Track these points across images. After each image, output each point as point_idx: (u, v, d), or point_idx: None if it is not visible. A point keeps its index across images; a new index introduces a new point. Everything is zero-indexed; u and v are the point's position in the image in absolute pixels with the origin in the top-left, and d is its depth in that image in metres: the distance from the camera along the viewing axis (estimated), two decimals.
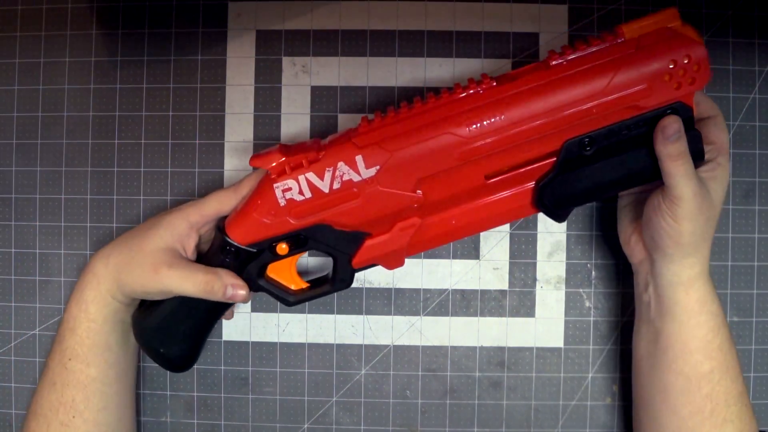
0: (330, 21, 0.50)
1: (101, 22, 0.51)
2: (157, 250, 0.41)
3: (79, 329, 0.43)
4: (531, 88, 0.38)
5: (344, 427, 0.50)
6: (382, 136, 0.39)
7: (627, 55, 0.37)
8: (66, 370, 0.42)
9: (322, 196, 0.39)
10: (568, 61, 0.38)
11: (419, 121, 0.38)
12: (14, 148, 0.51)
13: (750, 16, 0.50)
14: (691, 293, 0.41)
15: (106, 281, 0.42)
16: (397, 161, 0.38)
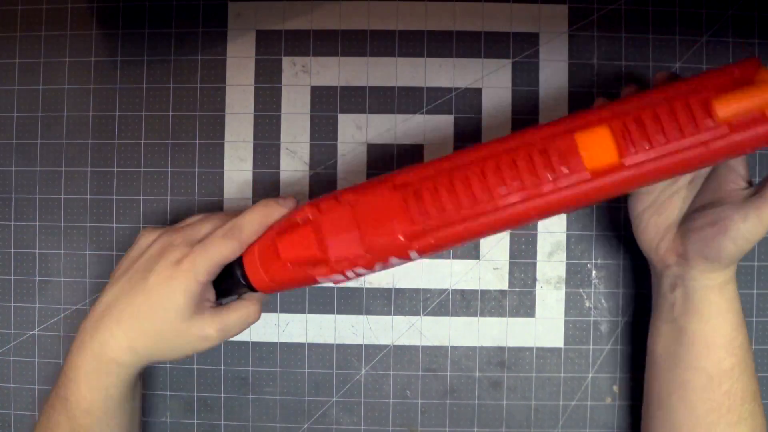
0: (330, 21, 0.50)
1: (101, 22, 0.51)
2: (191, 327, 0.38)
3: (97, 410, 0.39)
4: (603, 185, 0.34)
5: (344, 427, 0.50)
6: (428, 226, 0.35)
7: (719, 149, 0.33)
8: None
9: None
10: (651, 160, 0.33)
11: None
12: (14, 148, 0.51)
13: (750, 16, 0.50)
14: (724, 293, 0.40)
15: (135, 366, 0.39)
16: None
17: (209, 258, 0.38)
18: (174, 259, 0.38)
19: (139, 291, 0.38)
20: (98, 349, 0.38)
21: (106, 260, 0.51)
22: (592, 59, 0.50)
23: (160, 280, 0.38)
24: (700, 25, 0.50)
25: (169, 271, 0.38)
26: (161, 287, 0.38)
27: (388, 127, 0.50)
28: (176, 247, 0.39)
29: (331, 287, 0.50)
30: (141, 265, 0.39)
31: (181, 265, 0.38)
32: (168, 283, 0.38)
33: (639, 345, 0.50)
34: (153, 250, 0.39)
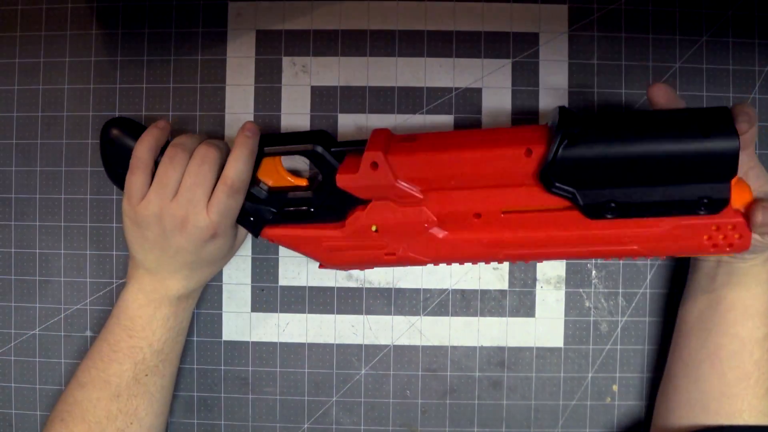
0: (330, 21, 0.50)
1: (101, 22, 0.51)
2: (229, 254, 0.46)
3: (167, 347, 0.44)
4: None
5: (344, 427, 0.50)
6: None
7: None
8: (138, 384, 0.43)
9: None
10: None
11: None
12: (14, 148, 0.51)
13: (750, 16, 0.50)
14: (766, 265, 0.41)
15: (199, 293, 0.47)
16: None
17: (231, 216, 0.42)
18: (203, 234, 0.41)
19: (190, 262, 0.43)
20: (175, 299, 0.44)
21: (106, 260, 0.51)
22: (592, 59, 0.50)
23: (204, 250, 0.42)
24: (700, 25, 0.50)
25: (204, 243, 0.42)
26: (209, 252, 0.43)
27: (388, 127, 0.50)
28: (195, 224, 0.41)
29: (332, 287, 0.50)
30: (173, 246, 0.42)
31: (215, 237, 0.42)
32: (213, 247, 0.43)
33: (639, 345, 0.50)
34: (176, 223, 0.41)
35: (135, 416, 0.43)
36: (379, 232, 0.41)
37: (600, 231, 0.38)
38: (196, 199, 0.40)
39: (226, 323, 0.50)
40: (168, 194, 0.40)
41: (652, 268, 0.50)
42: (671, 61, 0.50)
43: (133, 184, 0.41)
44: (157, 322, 0.43)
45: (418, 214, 0.40)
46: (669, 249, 0.39)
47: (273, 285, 0.50)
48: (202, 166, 0.40)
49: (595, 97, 0.50)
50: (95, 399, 0.42)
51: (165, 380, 0.45)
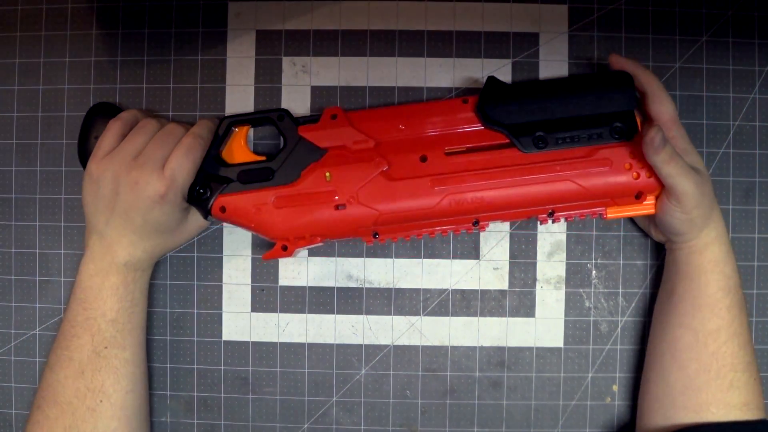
0: (330, 21, 0.50)
1: (101, 22, 0.51)
2: (185, 224, 0.47)
3: (122, 317, 0.44)
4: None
5: (344, 427, 0.50)
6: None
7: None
8: (99, 357, 0.43)
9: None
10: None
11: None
12: (14, 148, 0.51)
13: (750, 16, 0.50)
14: (705, 254, 0.43)
15: (151, 265, 0.47)
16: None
17: (183, 179, 0.43)
18: (156, 194, 0.42)
19: (140, 225, 0.43)
20: (123, 268, 0.44)
21: None
22: (592, 59, 0.50)
23: (154, 212, 0.43)
24: (700, 25, 0.50)
25: (157, 204, 0.43)
26: (158, 216, 0.43)
27: None
28: (150, 180, 0.42)
29: (332, 287, 0.50)
30: (126, 206, 0.43)
31: (166, 197, 0.42)
32: (162, 211, 0.43)
33: (638, 345, 0.50)
34: (128, 191, 0.42)
35: (103, 393, 0.43)
36: (331, 180, 0.44)
37: (534, 163, 0.43)
38: (154, 159, 0.42)
39: (226, 323, 0.50)
40: (130, 154, 0.43)
41: (652, 269, 0.50)
42: (671, 61, 0.50)
43: (105, 141, 0.44)
44: (107, 291, 0.43)
45: (369, 156, 0.44)
46: (600, 186, 0.43)
47: (273, 285, 0.50)
48: (168, 135, 0.44)
49: None
50: (62, 378, 0.43)
51: (127, 353, 0.44)
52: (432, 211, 0.43)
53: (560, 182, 0.43)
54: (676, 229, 0.43)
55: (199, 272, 0.50)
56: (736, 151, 0.49)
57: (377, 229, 0.44)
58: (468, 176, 0.43)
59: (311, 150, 0.45)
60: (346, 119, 0.44)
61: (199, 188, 0.44)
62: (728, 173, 0.49)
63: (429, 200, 0.43)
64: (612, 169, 0.42)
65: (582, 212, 0.44)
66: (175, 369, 0.51)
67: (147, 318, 0.49)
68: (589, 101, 0.43)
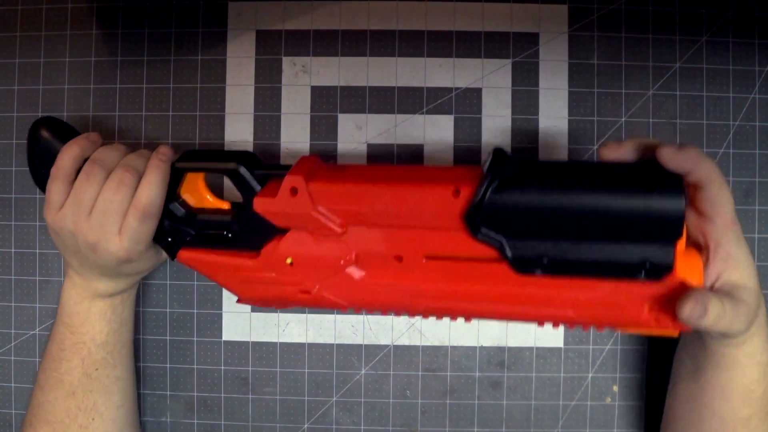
0: (330, 21, 0.50)
1: (101, 22, 0.51)
2: (155, 255, 0.44)
3: (112, 339, 0.44)
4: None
5: (344, 427, 0.50)
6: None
7: None
8: (91, 379, 0.43)
9: None
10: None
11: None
12: (14, 148, 0.51)
13: (750, 16, 0.50)
14: (743, 348, 0.38)
15: (135, 287, 0.46)
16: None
17: (146, 239, 0.41)
18: (116, 259, 0.41)
19: (113, 266, 0.42)
20: (106, 295, 0.43)
21: None
22: (592, 59, 0.50)
23: (123, 268, 0.42)
24: (700, 25, 0.50)
25: (119, 262, 0.41)
26: (128, 268, 0.42)
27: (388, 127, 0.50)
28: (107, 249, 0.40)
29: None
30: (91, 262, 0.41)
31: (130, 259, 0.41)
32: (131, 266, 0.42)
33: (639, 345, 0.50)
34: (88, 250, 0.40)
35: (95, 411, 0.43)
36: (294, 265, 0.38)
37: (529, 289, 0.34)
38: (108, 224, 0.39)
39: (226, 323, 0.50)
40: (83, 211, 0.40)
41: None
42: (671, 61, 0.50)
43: (52, 194, 0.40)
44: (95, 317, 0.43)
45: (335, 248, 0.37)
46: (607, 318, 0.34)
47: None
48: (117, 192, 0.39)
49: (595, 97, 0.50)
50: (53, 399, 0.43)
51: (117, 371, 0.44)
52: (407, 312, 0.38)
53: (558, 308, 0.34)
54: (727, 334, 0.36)
55: None
56: (736, 151, 0.49)
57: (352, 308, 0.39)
58: (448, 288, 0.36)
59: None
60: (309, 198, 0.36)
61: (165, 229, 0.42)
62: (728, 173, 0.49)
63: (403, 305, 0.37)
64: (627, 309, 0.33)
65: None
66: (175, 369, 0.51)
67: (148, 318, 0.49)
68: (621, 223, 0.31)
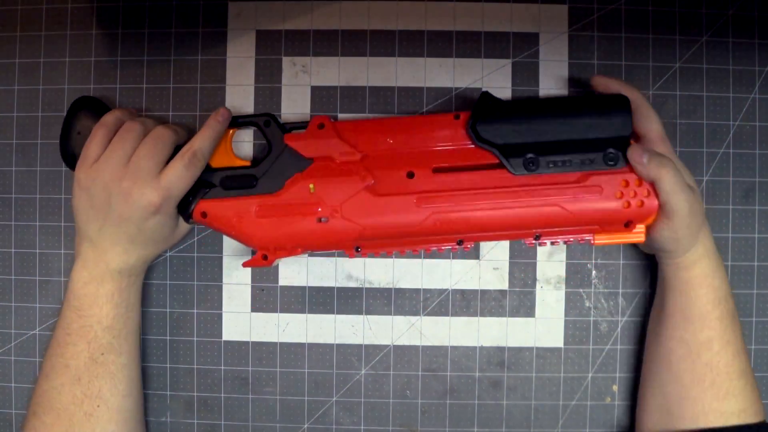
0: (330, 21, 0.50)
1: (101, 22, 0.51)
2: (174, 230, 0.46)
3: (118, 323, 0.44)
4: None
5: (344, 427, 0.50)
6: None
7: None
8: (96, 364, 0.43)
9: None
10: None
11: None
12: (14, 148, 0.51)
13: (750, 16, 0.50)
14: (693, 270, 0.43)
15: (144, 269, 0.46)
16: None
17: (178, 191, 0.42)
18: (150, 204, 0.41)
19: (134, 234, 0.43)
20: (117, 275, 0.43)
21: None
22: (592, 59, 0.50)
23: (149, 222, 0.42)
24: (700, 25, 0.50)
25: (148, 214, 0.42)
26: (152, 225, 0.43)
27: None
28: (142, 193, 0.41)
29: (332, 287, 0.50)
30: (119, 216, 0.42)
31: (161, 209, 0.42)
32: (155, 221, 0.43)
33: (639, 345, 0.50)
34: (121, 201, 0.42)
35: (100, 398, 0.43)
36: (315, 192, 0.43)
37: (523, 186, 0.42)
38: (146, 170, 0.41)
39: (226, 323, 0.50)
40: (120, 161, 0.42)
41: (652, 269, 0.50)
42: (671, 61, 0.50)
43: (91, 148, 0.43)
44: (103, 299, 0.43)
45: (355, 170, 0.43)
46: (590, 213, 0.42)
47: (273, 285, 0.50)
48: (157, 141, 0.42)
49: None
50: (59, 386, 0.43)
51: (123, 358, 0.44)
52: (416, 228, 0.42)
53: (548, 207, 0.42)
54: (664, 247, 0.43)
55: (199, 272, 0.50)
56: (736, 151, 0.49)
57: (360, 244, 0.44)
58: (455, 196, 0.42)
59: (296, 159, 0.44)
60: (334, 130, 0.44)
61: (187, 198, 0.44)
62: (728, 173, 0.49)
63: (414, 217, 0.42)
64: (602, 196, 0.42)
65: (569, 237, 0.44)
66: (175, 369, 0.51)
67: (148, 318, 0.49)
68: (583, 124, 0.42)
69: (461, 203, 0.42)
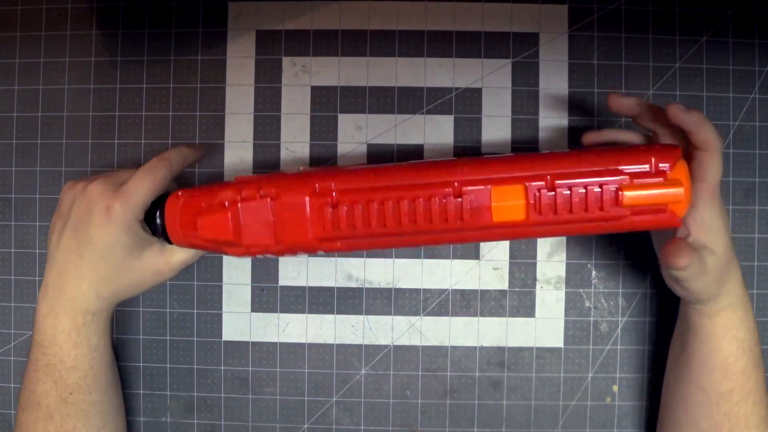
0: (330, 21, 0.50)
1: (101, 22, 0.51)
2: (143, 262, 0.42)
3: (83, 364, 0.42)
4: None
5: (344, 427, 0.50)
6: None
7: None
8: (67, 404, 0.42)
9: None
10: (553, 222, 0.36)
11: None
12: (14, 148, 0.51)
13: (750, 16, 0.50)
14: (716, 319, 0.41)
15: (107, 311, 0.43)
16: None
17: (137, 195, 0.41)
18: (104, 206, 0.40)
19: (85, 245, 0.41)
20: (70, 308, 0.41)
21: None
22: (592, 59, 0.50)
23: (100, 229, 0.40)
24: (700, 25, 0.50)
25: (104, 218, 0.40)
26: (104, 235, 0.40)
27: (388, 127, 0.50)
28: (102, 194, 0.41)
29: (332, 287, 0.50)
30: (75, 222, 0.41)
31: (113, 210, 0.40)
32: (108, 230, 0.40)
33: (639, 345, 0.50)
34: (81, 205, 0.41)
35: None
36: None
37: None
38: (114, 179, 0.42)
39: (226, 323, 0.50)
40: (95, 179, 0.42)
41: (652, 269, 0.50)
42: (671, 61, 0.50)
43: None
44: (61, 336, 0.41)
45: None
46: (611, 161, 0.35)
47: (273, 285, 0.50)
48: (135, 165, 0.44)
49: (595, 97, 0.50)
50: (33, 421, 0.42)
51: (94, 395, 0.43)
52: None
53: (561, 155, 0.36)
54: (681, 294, 0.41)
55: (199, 272, 0.51)
56: (736, 151, 0.49)
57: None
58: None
59: None
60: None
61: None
62: (728, 173, 0.49)
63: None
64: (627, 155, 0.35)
65: (590, 182, 0.35)
66: (175, 369, 0.51)
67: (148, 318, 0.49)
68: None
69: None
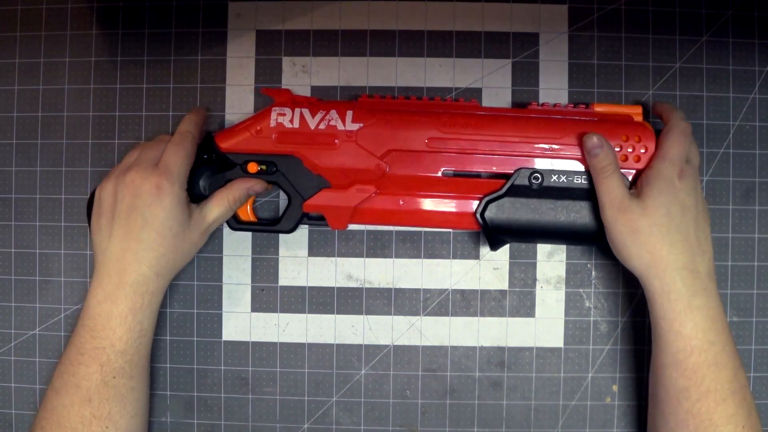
0: (330, 21, 0.50)
1: (101, 22, 0.51)
2: (193, 229, 0.45)
3: (131, 348, 0.43)
4: (507, 116, 0.45)
5: (344, 427, 0.50)
6: (373, 105, 0.46)
7: (589, 121, 0.45)
8: (107, 386, 0.42)
9: (306, 130, 0.45)
10: (543, 108, 0.46)
11: (409, 106, 0.46)
12: (14, 148, 0.51)
13: (750, 16, 0.50)
14: (664, 315, 0.41)
15: (163, 288, 0.45)
16: (378, 125, 0.45)
17: (178, 167, 0.44)
18: (153, 185, 0.43)
19: (140, 228, 0.43)
20: (131, 291, 0.43)
21: None
22: (592, 59, 0.50)
23: (154, 208, 0.43)
24: (700, 25, 0.50)
25: (155, 197, 0.43)
26: (158, 212, 0.43)
27: None
28: (145, 177, 0.43)
29: (332, 287, 0.50)
30: (125, 210, 0.43)
31: (163, 186, 0.43)
32: (161, 206, 0.43)
33: (638, 345, 0.50)
34: (127, 193, 0.43)
35: (110, 420, 0.42)
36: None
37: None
38: (146, 160, 0.44)
39: (226, 323, 0.50)
40: (126, 166, 0.44)
41: None
42: (671, 61, 0.50)
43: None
44: (116, 320, 0.42)
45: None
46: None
47: (273, 285, 0.50)
48: (156, 142, 0.46)
49: (595, 97, 0.50)
50: (69, 405, 0.42)
51: (134, 381, 0.44)
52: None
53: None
54: (621, 255, 0.43)
55: (199, 272, 0.51)
56: (736, 151, 0.49)
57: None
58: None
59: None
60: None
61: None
62: (728, 173, 0.49)
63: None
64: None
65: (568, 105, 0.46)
66: (175, 369, 0.51)
67: None
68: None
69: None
